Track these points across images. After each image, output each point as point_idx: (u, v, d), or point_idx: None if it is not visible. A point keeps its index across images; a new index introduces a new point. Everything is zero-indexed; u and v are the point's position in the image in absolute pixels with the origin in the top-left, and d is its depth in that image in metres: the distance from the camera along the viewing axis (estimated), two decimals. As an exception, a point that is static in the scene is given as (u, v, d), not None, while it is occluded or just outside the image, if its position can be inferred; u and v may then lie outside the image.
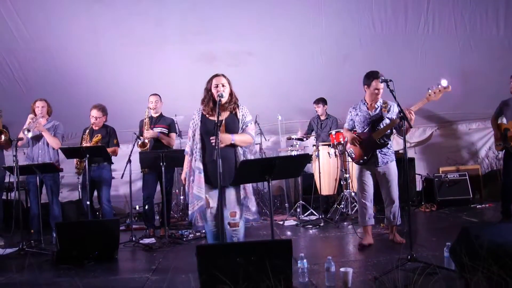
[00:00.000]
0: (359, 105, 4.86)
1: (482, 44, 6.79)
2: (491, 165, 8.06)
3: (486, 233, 3.27)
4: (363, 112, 4.78)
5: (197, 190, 3.73)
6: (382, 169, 4.71)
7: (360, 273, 3.76)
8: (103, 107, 5.95)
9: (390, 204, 4.74)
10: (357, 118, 4.84)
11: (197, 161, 3.77)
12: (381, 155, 4.69)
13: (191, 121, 3.92)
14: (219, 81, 3.79)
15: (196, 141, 3.82)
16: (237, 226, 3.76)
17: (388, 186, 4.71)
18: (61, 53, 6.44)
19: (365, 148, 4.70)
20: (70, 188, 8.01)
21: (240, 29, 6.37)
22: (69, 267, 4.42)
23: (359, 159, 4.78)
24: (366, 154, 4.70)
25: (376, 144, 4.63)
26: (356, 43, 6.66)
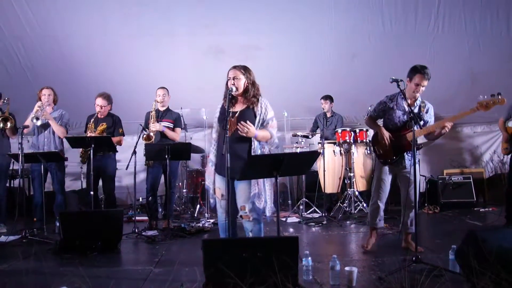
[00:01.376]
0: (397, 98, 4.39)
1: (491, 45, 6.76)
2: (495, 169, 8.03)
3: (493, 237, 3.25)
4: (400, 107, 4.37)
5: (207, 181, 3.82)
6: (406, 170, 4.35)
7: (364, 272, 3.74)
8: (108, 95, 5.93)
9: (409, 209, 4.39)
10: (391, 112, 4.40)
11: (211, 153, 3.83)
12: (407, 156, 4.34)
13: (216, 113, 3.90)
14: (232, 74, 3.74)
15: (213, 132, 3.88)
16: (247, 218, 3.70)
17: (409, 189, 4.33)
18: (68, 41, 6.42)
19: (396, 147, 4.33)
20: (73, 177, 8.01)
21: (249, 23, 6.34)
22: (72, 257, 4.41)
23: (387, 158, 4.41)
24: (396, 154, 4.35)
25: (409, 145, 4.22)
26: (365, 40, 6.62)
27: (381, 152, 4.45)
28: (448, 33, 6.58)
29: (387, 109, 4.43)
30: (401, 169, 4.40)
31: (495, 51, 6.81)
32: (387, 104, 4.42)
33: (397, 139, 4.31)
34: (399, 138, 4.31)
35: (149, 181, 6.01)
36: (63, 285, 3.26)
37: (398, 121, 4.37)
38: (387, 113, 4.44)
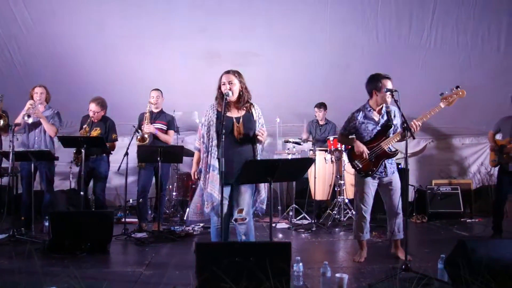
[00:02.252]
0: (364, 111, 4.45)
1: (482, 61, 6.88)
2: (482, 181, 8.15)
3: (482, 248, 3.32)
4: (370, 119, 4.42)
5: (210, 188, 3.71)
6: (388, 179, 4.41)
7: (355, 280, 3.78)
8: (102, 101, 5.87)
9: (394, 216, 4.43)
10: (363, 126, 4.43)
11: (213, 158, 3.73)
12: (388, 164, 4.41)
13: (204, 117, 3.88)
14: (226, 79, 3.76)
15: (211, 138, 3.76)
16: (242, 221, 3.74)
17: (393, 197, 4.40)
18: (63, 40, 6.38)
19: (375, 158, 4.36)
20: (62, 177, 7.94)
21: (245, 29, 6.37)
22: (61, 257, 4.37)
23: (368, 170, 4.40)
24: (375, 165, 4.36)
25: (386, 153, 4.34)
26: (359, 52, 6.70)
27: (360, 166, 4.44)
28: (440, 48, 6.68)
29: (358, 125, 4.45)
30: (382, 178, 4.43)
31: (485, 67, 6.92)
32: (357, 120, 4.45)
33: (373, 150, 4.36)
34: (375, 149, 4.35)
35: (140, 182, 5.98)
36: (53, 285, 3.24)
37: (371, 133, 4.41)
38: (358, 129, 4.46)
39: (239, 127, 3.73)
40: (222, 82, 3.78)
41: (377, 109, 4.41)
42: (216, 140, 3.74)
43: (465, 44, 6.67)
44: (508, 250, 3.25)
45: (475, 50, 6.74)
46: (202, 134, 3.87)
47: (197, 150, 3.96)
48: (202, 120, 3.91)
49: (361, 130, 4.45)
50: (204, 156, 3.81)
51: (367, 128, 4.42)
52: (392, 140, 4.30)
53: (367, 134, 4.43)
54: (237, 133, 3.71)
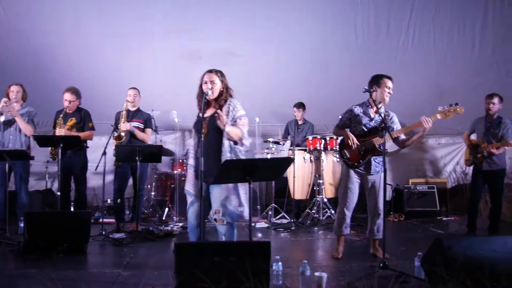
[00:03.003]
0: (362, 106, 4.55)
1: (457, 62, 7.02)
2: (457, 180, 8.30)
3: (457, 245, 3.37)
4: (366, 114, 4.51)
5: (188, 186, 3.78)
6: (373, 177, 4.49)
7: (333, 278, 3.81)
8: (77, 90, 5.82)
9: (376, 216, 4.49)
10: (357, 118, 4.51)
11: (190, 157, 3.81)
12: (375, 162, 4.48)
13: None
14: (208, 78, 3.74)
15: (191, 137, 3.87)
16: (222, 221, 3.70)
17: (376, 196, 4.46)
18: (39, 37, 6.25)
19: (364, 151, 4.43)
20: (38, 177, 7.78)
21: (226, 29, 6.36)
22: (36, 258, 4.28)
23: (354, 161, 4.48)
24: (363, 158, 4.44)
25: (375, 149, 4.39)
26: (338, 51, 6.75)
27: (348, 156, 4.53)
28: (417, 47, 6.80)
29: (353, 117, 4.55)
30: (367, 176, 4.51)
31: (461, 67, 7.06)
32: (353, 111, 4.55)
33: (364, 144, 4.44)
34: (366, 143, 4.43)
35: (117, 182, 5.91)
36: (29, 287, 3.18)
37: (364, 127, 4.50)
38: (353, 121, 4.55)
39: (205, 126, 3.67)
40: (203, 81, 3.75)
41: (375, 108, 4.44)
42: (193, 139, 3.79)
43: (441, 44, 6.80)
44: (482, 247, 3.32)
45: (451, 51, 6.89)
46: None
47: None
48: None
49: (354, 123, 4.54)
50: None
51: (360, 121, 4.50)
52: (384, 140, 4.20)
53: (360, 128, 4.51)
54: (204, 131, 3.65)
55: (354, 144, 4.42)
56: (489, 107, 5.54)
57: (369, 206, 4.58)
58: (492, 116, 5.57)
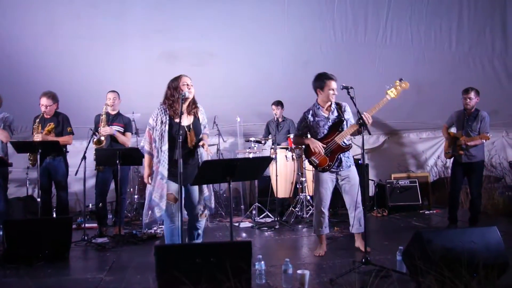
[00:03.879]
0: (313, 110, 4.64)
1: (435, 57, 7.07)
2: (439, 173, 8.40)
3: (437, 238, 3.41)
4: (320, 116, 4.58)
5: (156, 196, 3.75)
6: (345, 173, 4.55)
7: (316, 275, 3.82)
8: (53, 94, 5.74)
9: (355, 210, 4.55)
10: (314, 124, 4.60)
11: (161, 165, 3.76)
12: (344, 158, 4.53)
13: (154, 120, 3.86)
14: (188, 81, 3.85)
15: (163, 142, 3.79)
16: (204, 216, 3.97)
17: (352, 190, 4.53)
18: (13, 42, 6.10)
19: (330, 153, 4.50)
20: (18, 184, 7.68)
21: (203, 29, 6.31)
22: (16, 267, 4.23)
23: (325, 165, 4.52)
24: (331, 160, 4.50)
25: (340, 147, 4.48)
26: (316, 49, 6.76)
27: (317, 162, 4.56)
28: (395, 45, 6.82)
29: (310, 124, 4.63)
30: (340, 172, 4.56)
31: (438, 63, 7.13)
32: (307, 118, 4.63)
33: (328, 145, 4.50)
34: (330, 144, 4.50)
35: (98, 186, 5.86)
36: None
37: (323, 129, 4.57)
38: (311, 127, 4.63)
39: (191, 135, 3.82)
40: (183, 83, 3.81)
41: (326, 106, 4.58)
42: (167, 144, 3.77)
43: (419, 41, 6.84)
44: (460, 239, 3.36)
45: (429, 47, 6.93)
46: (153, 138, 3.85)
47: (148, 154, 3.92)
48: (152, 123, 3.88)
49: (314, 128, 4.62)
50: (156, 161, 3.82)
51: (318, 125, 4.58)
52: (346, 134, 4.44)
53: (320, 131, 4.58)
54: (189, 140, 3.82)
55: (321, 149, 4.48)
56: (466, 102, 5.61)
57: (347, 201, 4.63)
58: (469, 109, 5.64)
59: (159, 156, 3.77)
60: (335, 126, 4.53)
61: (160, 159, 3.77)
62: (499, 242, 3.47)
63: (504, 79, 7.37)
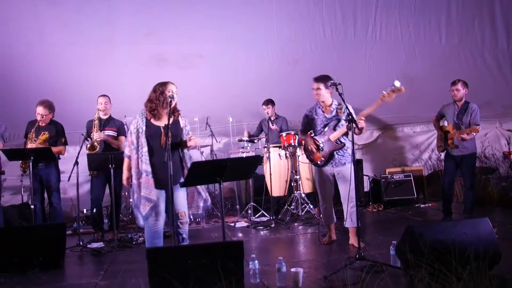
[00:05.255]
0: (315, 108, 4.89)
1: (425, 51, 7.11)
2: (433, 167, 8.42)
3: (428, 231, 3.44)
4: (319, 115, 4.83)
5: (146, 192, 3.84)
6: (340, 169, 4.74)
7: (310, 273, 3.83)
8: (50, 103, 5.72)
9: (348, 205, 4.73)
10: (313, 122, 4.87)
11: (144, 163, 3.86)
12: (338, 156, 4.73)
13: (133, 125, 4.01)
14: (174, 89, 3.99)
15: (141, 144, 3.90)
16: (186, 223, 4.07)
17: (346, 186, 4.67)
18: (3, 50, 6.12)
19: (324, 150, 4.75)
20: (13, 191, 7.65)
21: (190, 32, 6.31)
22: (10, 275, 4.21)
23: (318, 161, 4.81)
24: (324, 156, 4.75)
25: (333, 145, 4.71)
26: (306, 47, 6.78)
27: (312, 157, 4.88)
28: (385, 41, 6.86)
29: (310, 121, 4.92)
30: (335, 168, 4.78)
31: (429, 57, 7.16)
32: (309, 116, 4.93)
33: (322, 142, 4.77)
34: (324, 142, 4.76)
35: (93, 191, 5.86)
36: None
37: (320, 127, 4.83)
38: (312, 124, 4.91)
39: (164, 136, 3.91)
40: (168, 89, 3.96)
41: (325, 106, 4.80)
42: (146, 146, 3.89)
43: (408, 36, 6.88)
44: (452, 231, 3.38)
45: (419, 41, 6.97)
46: (131, 141, 3.96)
47: (127, 157, 4.03)
48: (132, 128, 4.01)
49: (312, 125, 4.90)
50: (136, 162, 3.91)
51: (316, 123, 4.85)
52: (339, 134, 4.67)
53: (317, 129, 4.86)
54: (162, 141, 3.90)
55: (314, 146, 4.78)
56: (454, 93, 5.63)
57: (342, 196, 4.83)
58: (459, 101, 5.65)
59: (141, 157, 3.88)
60: (331, 125, 4.76)
61: (141, 159, 3.88)
62: (491, 233, 3.49)
63: (495, 70, 7.42)
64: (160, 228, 3.96)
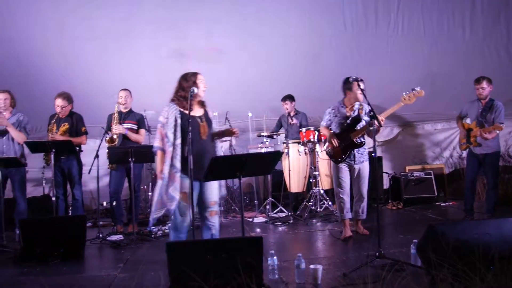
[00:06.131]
0: (338, 107, 5.07)
1: (448, 46, 6.97)
2: (455, 165, 8.28)
3: (451, 231, 3.36)
4: (342, 114, 5.01)
5: (172, 189, 3.71)
6: (358, 166, 5.00)
7: (329, 270, 3.80)
8: (68, 95, 5.80)
9: (360, 200, 5.08)
10: (335, 119, 5.07)
11: (175, 158, 3.74)
12: (358, 154, 4.97)
13: (165, 117, 3.84)
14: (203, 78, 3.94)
15: (176, 137, 3.77)
16: (215, 214, 3.96)
17: (361, 183, 5.02)
18: (25, 44, 6.20)
19: (344, 147, 4.95)
20: (35, 183, 7.79)
21: (211, 27, 6.32)
22: (33, 265, 4.29)
23: (337, 157, 5.03)
24: (344, 153, 4.97)
25: (354, 144, 4.90)
26: (326, 42, 6.72)
27: (332, 153, 5.09)
28: (407, 35, 6.75)
29: (332, 118, 5.13)
30: (354, 166, 5.01)
31: (452, 52, 7.02)
32: (331, 114, 5.14)
33: (344, 140, 4.96)
34: (345, 139, 4.95)
35: (112, 184, 5.91)
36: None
37: (341, 126, 5.03)
38: (333, 121, 5.12)
39: (204, 126, 3.84)
40: (200, 80, 3.90)
41: (349, 106, 5.01)
42: (180, 138, 3.77)
43: (431, 30, 6.75)
44: (474, 231, 3.30)
45: (442, 37, 6.84)
46: (165, 134, 3.81)
47: (160, 150, 3.86)
48: (162, 120, 3.85)
49: (334, 123, 5.12)
50: (169, 156, 3.77)
51: (338, 121, 5.06)
52: (360, 132, 4.85)
53: (338, 126, 5.07)
54: (202, 131, 3.84)
55: (335, 141, 4.96)
56: (479, 92, 5.52)
57: (355, 191, 5.14)
58: (483, 99, 5.54)
59: (172, 151, 3.75)
60: (352, 124, 4.95)
61: (173, 154, 3.75)
62: (516, 233, 3.40)
63: (520, 66, 7.23)
64: (186, 224, 3.81)
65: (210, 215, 3.91)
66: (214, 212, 3.93)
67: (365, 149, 5.03)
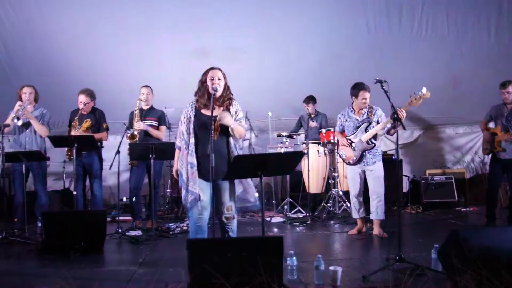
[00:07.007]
0: (347, 111, 5.33)
1: (472, 50, 6.85)
2: (476, 170, 8.16)
3: (474, 236, 3.31)
4: (352, 118, 5.27)
5: (190, 184, 3.68)
6: (371, 167, 5.16)
7: (348, 272, 3.77)
8: (91, 91, 5.87)
9: (375, 200, 5.17)
10: (346, 124, 5.34)
11: (190, 155, 3.69)
12: (370, 155, 5.15)
13: (183, 114, 3.82)
14: (215, 74, 3.73)
15: (190, 135, 3.73)
16: (232, 219, 3.81)
17: (375, 183, 5.15)
18: (50, 38, 6.30)
19: (356, 150, 5.17)
20: (56, 177, 7.91)
21: (233, 26, 6.33)
22: (54, 258, 4.35)
23: (350, 160, 5.25)
24: (356, 155, 5.17)
25: (365, 145, 5.11)
26: (349, 43, 6.67)
27: (345, 156, 5.33)
28: (431, 38, 6.65)
29: (343, 122, 5.41)
30: (367, 167, 5.18)
31: (476, 56, 6.90)
32: (342, 119, 5.42)
33: (356, 143, 5.17)
34: (356, 142, 5.17)
35: (132, 180, 5.95)
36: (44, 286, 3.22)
37: (352, 129, 5.26)
38: (345, 125, 5.38)
39: (216, 126, 3.63)
40: (209, 77, 3.74)
41: (358, 110, 5.23)
42: (194, 137, 3.72)
43: (455, 33, 6.64)
44: (499, 238, 3.25)
45: (466, 39, 6.72)
46: (182, 131, 3.80)
47: (178, 148, 3.87)
48: (182, 118, 3.83)
49: (345, 127, 5.39)
50: (185, 153, 3.74)
51: (349, 125, 5.32)
52: (369, 135, 5.05)
53: (349, 130, 5.31)
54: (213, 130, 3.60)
55: (346, 143, 5.25)
56: (505, 96, 5.42)
57: (370, 192, 5.25)
58: (510, 103, 5.43)
59: (188, 149, 3.72)
60: (362, 127, 5.16)
61: (188, 151, 3.71)
62: (541, 241, 3.34)
63: (547, 71, 7.07)
64: (205, 223, 3.77)
65: (227, 220, 3.80)
66: (231, 217, 3.81)
67: (377, 150, 5.17)
